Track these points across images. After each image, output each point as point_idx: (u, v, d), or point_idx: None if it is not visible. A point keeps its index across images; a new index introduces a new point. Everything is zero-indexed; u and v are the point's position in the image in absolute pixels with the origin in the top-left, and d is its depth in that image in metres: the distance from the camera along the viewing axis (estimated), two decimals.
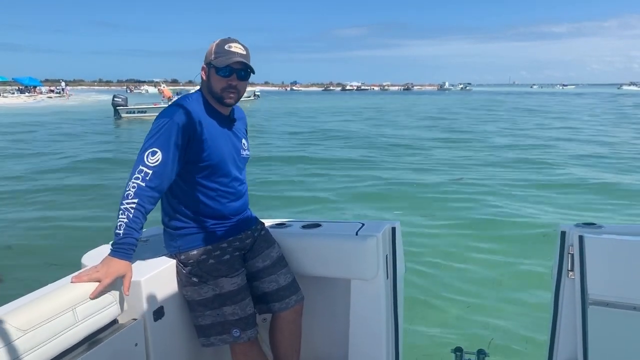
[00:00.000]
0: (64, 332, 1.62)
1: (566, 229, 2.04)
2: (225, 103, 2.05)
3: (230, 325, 2.06)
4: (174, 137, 1.90)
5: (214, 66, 1.99)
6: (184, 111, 1.96)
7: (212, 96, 2.05)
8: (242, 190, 2.18)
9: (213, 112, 2.06)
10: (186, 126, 1.92)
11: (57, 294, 1.69)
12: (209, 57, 2.02)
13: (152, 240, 2.34)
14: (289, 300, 2.21)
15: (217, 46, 2.01)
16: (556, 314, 2.10)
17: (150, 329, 1.94)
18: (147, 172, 1.86)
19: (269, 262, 2.21)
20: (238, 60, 1.98)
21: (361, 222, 2.38)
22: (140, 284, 1.91)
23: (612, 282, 1.94)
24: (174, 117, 1.93)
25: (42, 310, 1.59)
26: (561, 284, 2.07)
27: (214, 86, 2.02)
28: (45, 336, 1.55)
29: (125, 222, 1.82)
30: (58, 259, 5.90)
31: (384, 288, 2.23)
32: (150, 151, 1.88)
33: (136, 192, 1.84)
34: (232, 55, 1.98)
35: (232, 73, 1.99)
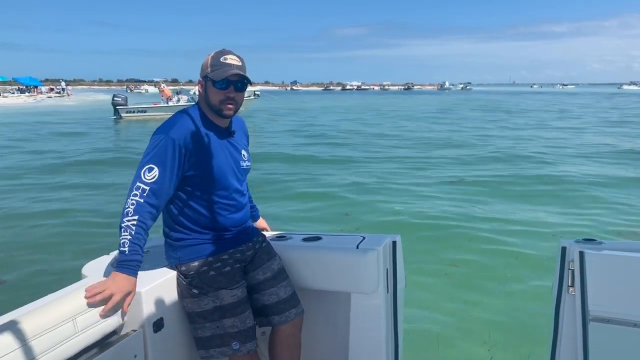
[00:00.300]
0: (64, 342, 1.62)
1: (566, 245, 2.04)
2: (224, 115, 2.05)
3: (229, 337, 2.05)
4: (171, 152, 1.91)
5: (211, 79, 2.00)
6: (181, 126, 1.97)
7: (210, 109, 2.06)
8: (242, 201, 2.18)
9: (211, 125, 2.06)
10: (183, 141, 1.94)
11: (57, 303, 1.69)
12: (205, 70, 2.02)
13: (153, 252, 2.34)
14: (288, 314, 2.21)
15: (213, 59, 2.01)
16: (557, 330, 2.10)
17: (149, 340, 1.94)
18: (144, 188, 1.87)
19: (270, 275, 2.21)
20: (235, 72, 1.99)
21: (362, 236, 2.37)
22: (141, 295, 1.91)
23: (612, 298, 1.94)
24: (170, 132, 1.94)
25: (43, 320, 1.59)
26: (562, 299, 2.07)
27: (211, 99, 2.02)
28: (45, 346, 1.55)
29: (128, 239, 1.84)
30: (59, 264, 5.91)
31: (384, 302, 2.23)
32: (147, 167, 1.89)
33: (135, 209, 1.85)
34: (228, 67, 1.99)
35: (229, 85, 2.00)
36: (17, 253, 6.42)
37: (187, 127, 1.98)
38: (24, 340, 1.49)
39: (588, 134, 20.77)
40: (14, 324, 1.52)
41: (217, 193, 2.06)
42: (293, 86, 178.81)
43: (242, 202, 2.18)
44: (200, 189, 2.03)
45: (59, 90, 70.25)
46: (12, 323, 1.52)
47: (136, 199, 1.86)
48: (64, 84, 78.88)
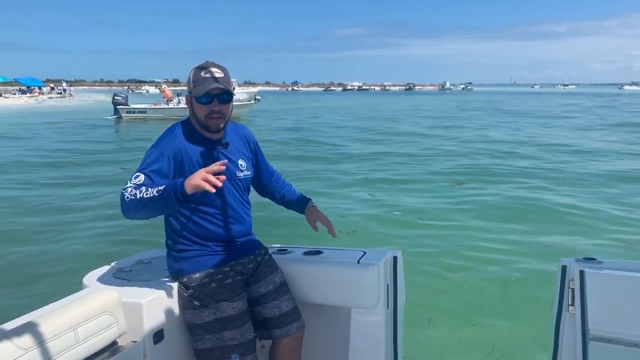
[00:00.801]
0: (65, 352, 1.63)
1: (567, 264, 2.04)
2: (211, 129, 2.05)
3: (229, 350, 2.05)
4: (159, 164, 1.94)
5: (194, 96, 2.02)
6: (171, 140, 2.01)
7: (198, 124, 2.07)
8: (242, 213, 2.17)
9: (201, 139, 2.07)
10: (171, 154, 1.97)
11: (59, 313, 1.69)
12: (189, 86, 2.05)
13: (154, 263, 2.35)
14: (290, 327, 2.21)
15: (194, 75, 2.03)
16: (556, 349, 2.09)
17: (149, 352, 1.94)
18: (130, 185, 1.86)
19: (272, 288, 2.21)
20: (214, 87, 1.98)
21: (363, 251, 2.38)
22: (142, 306, 1.92)
23: (613, 317, 1.94)
24: (159, 146, 1.99)
25: (45, 329, 1.59)
26: (561, 318, 2.06)
27: (197, 114, 2.04)
28: (46, 355, 1.56)
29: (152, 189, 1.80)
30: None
31: (384, 317, 2.23)
32: (134, 175, 1.93)
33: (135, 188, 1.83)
34: (208, 82, 1.99)
35: (212, 99, 2.01)
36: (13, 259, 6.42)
37: (177, 141, 2.01)
38: (26, 349, 1.50)
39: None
40: (15, 333, 1.52)
41: (213, 205, 2.07)
42: (294, 87, 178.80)
43: (242, 213, 2.17)
44: (197, 201, 2.04)
45: (60, 90, 70.29)
46: (14, 331, 1.53)
47: (130, 188, 1.84)
48: (65, 85, 79.05)
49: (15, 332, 1.52)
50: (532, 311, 4.48)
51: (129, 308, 1.91)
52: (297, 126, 26.25)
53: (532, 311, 4.48)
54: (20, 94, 61.48)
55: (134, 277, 2.16)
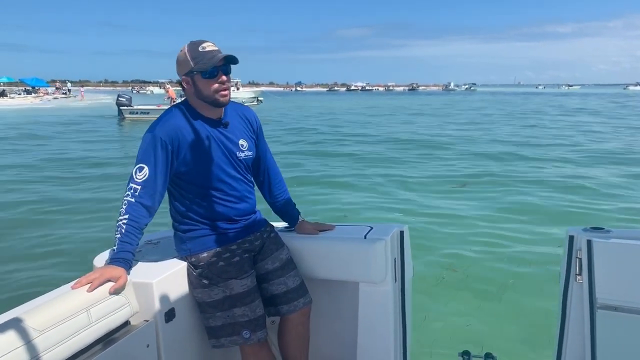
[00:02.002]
0: (79, 333, 1.65)
1: (574, 233, 2.03)
2: (220, 103, 2.02)
3: (240, 326, 2.08)
4: (158, 150, 1.95)
5: (198, 71, 1.97)
6: (166, 122, 1.99)
7: (204, 102, 2.03)
8: (245, 192, 2.18)
9: (201, 118, 2.05)
10: (168, 138, 1.96)
11: (72, 294, 1.72)
12: (187, 65, 1.98)
13: (163, 243, 2.37)
14: (297, 303, 2.23)
15: (191, 52, 1.97)
16: (564, 319, 2.10)
17: (161, 330, 1.96)
18: (136, 188, 1.93)
19: (278, 264, 2.23)
20: (222, 57, 1.96)
21: (369, 226, 2.39)
22: (152, 285, 1.94)
23: (620, 286, 1.94)
24: (155, 130, 1.97)
25: (58, 310, 1.62)
26: (569, 288, 2.07)
27: (204, 91, 1.99)
28: (60, 336, 1.58)
29: (118, 237, 1.90)
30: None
31: (392, 291, 2.24)
32: (138, 167, 1.95)
33: (127, 209, 1.91)
34: (212, 54, 1.96)
35: (217, 72, 1.98)
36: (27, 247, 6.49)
37: (173, 123, 2.00)
38: (40, 331, 1.52)
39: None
40: (29, 315, 1.55)
41: (214, 185, 2.08)
42: (297, 87, 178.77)
43: (244, 192, 2.18)
44: (198, 182, 2.05)
45: (65, 91, 70.56)
46: (28, 314, 1.55)
47: (128, 199, 1.92)
48: (70, 85, 79.46)
49: (29, 315, 1.55)
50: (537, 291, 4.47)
51: (140, 288, 1.93)
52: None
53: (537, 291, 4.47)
54: (26, 95, 61.75)
55: (143, 258, 2.18)
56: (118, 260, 1.87)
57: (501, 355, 2.39)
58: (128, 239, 1.90)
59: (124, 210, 1.91)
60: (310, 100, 68.25)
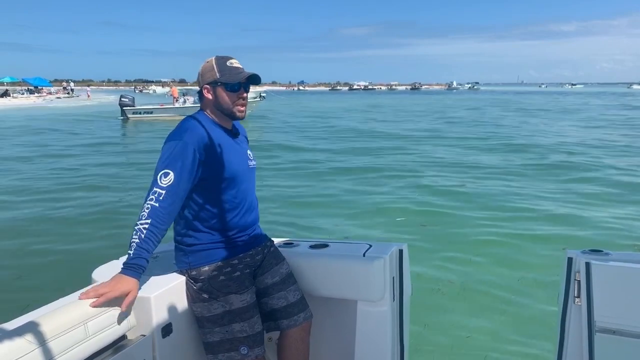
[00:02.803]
0: (75, 347, 1.64)
1: (573, 255, 2.03)
2: (237, 117, 2.14)
3: (238, 342, 2.07)
4: (186, 158, 1.95)
5: (223, 83, 2.06)
6: (193, 131, 2.02)
7: (221, 112, 2.12)
8: (253, 202, 2.22)
9: (219, 128, 2.13)
10: (197, 145, 1.98)
11: (69, 308, 1.71)
12: (213, 76, 2.07)
13: (162, 257, 2.36)
14: (297, 318, 2.22)
15: (219, 65, 2.08)
16: (562, 341, 2.09)
17: (158, 345, 1.95)
18: (160, 192, 1.90)
19: (278, 279, 2.22)
20: (248, 75, 2.07)
21: (369, 244, 2.38)
22: (150, 300, 1.93)
23: (619, 309, 1.93)
24: (184, 137, 1.98)
25: (54, 324, 1.61)
26: (567, 310, 2.06)
27: (223, 103, 2.09)
28: (57, 350, 1.57)
29: (136, 242, 1.86)
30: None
31: (390, 310, 2.23)
32: (163, 172, 1.93)
33: (149, 213, 1.88)
34: (238, 70, 2.09)
35: (240, 87, 2.09)
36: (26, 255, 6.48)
37: (199, 131, 2.03)
38: (36, 344, 1.51)
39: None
40: (26, 328, 1.54)
41: (231, 193, 2.09)
42: (300, 86, 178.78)
43: (253, 202, 2.22)
44: (215, 190, 2.06)
45: (68, 90, 70.75)
46: (24, 327, 1.55)
47: (151, 203, 1.89)
48: (73, 85, 79.79)
49: (25, 328, 1.54)
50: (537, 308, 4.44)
51: (138, 302, 1.92)
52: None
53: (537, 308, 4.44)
54: (29, 94, 61.95)
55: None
56: (132, 267, 1.84)
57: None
58: (146, 245, 1.86)
59: (145, 214, 1.87)
60: (312, 100, 67.89)
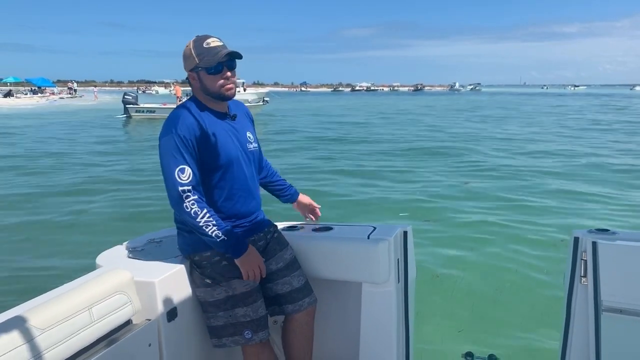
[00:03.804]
0: (81, 332, 1.65)
1: (579, 235, 2.03)
2: (226, 97, 2.06)
3: (242, 326, 2.07)
4: (184, 147, 1.95)
5: (203, 67, 2.00)
6: (183, 121, 1.99)
7: (210, 97, 2.07)
8: (254, 187, 2.20)
9: (212, 112, 2.09)
10: (190, 134, 1.97)
11: (74, 293, 1.72)
12: (192, 61, 2.02)
13: (166, 242, 2.37)
14: (302, 302, 2.22)
15: (197, 48, 2.00)
16: (568, 321, 2.09)
17: (163, 329, 1.96)
18: (188, 189, 1.93)
19: (282, 265, 2.23)
20: (226, 53, 1.99)
21: (373, 226, 2.38)
22: (154, 284, 1.94)
23: (625, 288, 1.93)
24: (176, 129, 1.96)
25: (60, 309, 1.62)
26: (574, 290, 2.06)
27: (210, 86, 2.03)
28: (62, 335, 1.58)
29: (216, 230, 1.94)
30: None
31: (395, 292, 2.24)
32: (178, 169, 1.93)
33: (199, 206, 1.94)
34: (216, 50, 1.99)
35: (222, 67, 2.01)
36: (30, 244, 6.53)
37: (190, 120, 2.01)
38: (42, 329, 1.52)
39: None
40: (32, 314, 1.55)
41: (230, 179, 2.08)
42: (302, 87, 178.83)
43: (254, 188, 2.20)
44: (215, 176, 2.06)
45: (71, 91, 70.98)
46: (30, 312, 1.56)
47: (192, 199, 1.93)
48: (76, 85, 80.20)
49: (32, 313, 1.55)
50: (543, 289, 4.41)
51: (142, 287, 1.93)
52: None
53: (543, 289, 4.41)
54: (32, 95, 62.18)
55: (146, 257, 2.18)
56: (240, 245, 2.01)
57: (504, 357, 2.38)
58: (221, 224, 1.96)
59: (197, 209, 1.92)
60: (315, 100, 67.57)
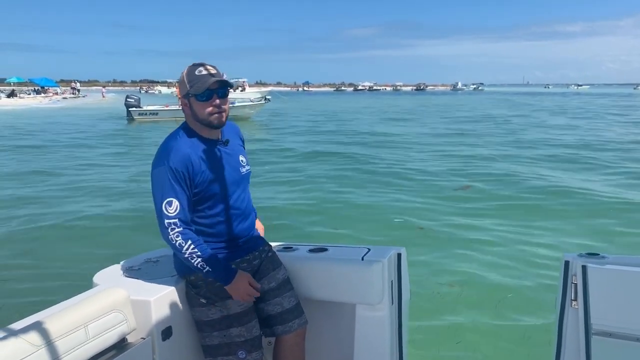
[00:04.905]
0: (76, 349, 1.67)
1: (570, 259, 2.04)
2: (215, 126, 2.06)
3: (236, 346, 2.09)
4: (176, 180, 1.96)
5: (193, 94, 2.02)
6: (176, 152, 2.00)
7: (200, 124, 2.06)
8: (247, 210, 2.21)
9: (203, 140, 2.09)
10: (181, 166, 1.98)
11: (70, 311, 1.74)
12: (184, 88, 2.04)
13: (162, 261, 2.39)
14: (292, 324, 2.24)
15: (188, 75, 2.03)
16: (560, 344, 2.11)
17: (158, 348, 1.98)
18: (174, 222, 1.95)
19: (275, 285, 2.24)
20: (215, 81, 2.00)
21: (367, 248, 2.40)
22: (150, 303, 1.96)
23: (615, 312, 1.95)
24: (168, 162, 1.97)
25: (56, 326, 1.64)
26: (565, 313, 2.07)
27: (199, 114, 2.04)
28: (58, 352, 1.60)
29: (201, 259, 1.96)
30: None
31: (388, 313, 2.25)
32: (165, 203, 1.95)
33: (184, 238, 1.96)
34: (206, 78, 2.00)
35: (212, 95, 2.02)
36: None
37: (182, 150, 2.01)
38: (38, 346, 1.54)
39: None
40: (28, 330, 1.57)
41: (221, 204, 2.10)
42: (305, 87, 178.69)
43: (247, 210, 2.21)
44: (206, 203, 2.07)
45: (74, 91, 71.14)
46: (27, 329, 1.58)
47: (176, 231, 1.95)
48: (79, 85, 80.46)
49: (27, 330, 1.57)
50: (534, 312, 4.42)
51: (138, 305, 1.95)
52: None
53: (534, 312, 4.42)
54: (35, 94, 62.35)
55: (142, 276, 2.20)
56: (227, 273, 2.02)
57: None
58: (208, 254, 1.98)
59: (181, 241, 1.95)
60: (318, 102, 67.23)
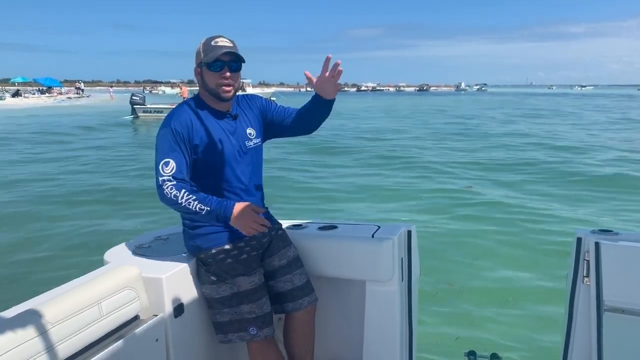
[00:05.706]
0: (90, 326, 1.68)
1: (582, 235, 2.04)
2: (222, 98, 2.07)
3: (247, 323, 2.10)
4: (175, 140, 1.98)
5: (205, 63, 2.04)
6: (179, 115, 2.04)
7: (209, 94, 2.09)
8: (252, 185, 2.19)
9: (211, 111, 2.11)
10: (182, 127, 2.00)
11: (84, 288, 1.75)
12: (199, 57, 2.07)
13: (172, 239, 2.40)
14: (302, 301, 2.25)
15: (204, 45, 2.06)
16: (571, 321, 2.10)
17: (170, 325, 1.99)
18: (169, 179, 1.94)
19: (285, 262, 2.25)
20: (226, 52, 2.01)
21: (377, 225, 2.40)
22: (162, 281, 1.97)
23: (627, 289, 1.94)
24: (171, 124, 2.01)
25: (70, 304, 1.65)
26: (576, 290, 2.07)
27: (208, 83, 2.06)
28: (72, 329, 1.61)
29: (197, 203, 1.92)
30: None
31: (398, 291, 2.25)
32: (163, 163, 1.96)
33: (177, 188, 1.93)
34: (219, 49, 2.02)
35: (223, 66, 2.03)
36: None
37: (186, 115, 2.05)
38: (52, 324, 1.55)
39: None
40: (42, 308, 1.58)
41: (225, 178, 2.10)
42: (308, 87, 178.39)
43: (252, 185, 2.19)
44: (208, 174, 2.08)
45: (78, 91, 71.37)
46: (40, 307, 1.59)
47: (169, 185, 1.93)
48: (83, 85, 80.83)
49: (42, 307, 1.58)
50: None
51: (150, 283, 1.96)
52: None
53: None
54: (39, 94, 62.63)
55: (153, 253, 2.21)
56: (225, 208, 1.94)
57: (507, 356, 2.39)
58: (202, 197, 1.93)
59: (175, 192, 1.91)
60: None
